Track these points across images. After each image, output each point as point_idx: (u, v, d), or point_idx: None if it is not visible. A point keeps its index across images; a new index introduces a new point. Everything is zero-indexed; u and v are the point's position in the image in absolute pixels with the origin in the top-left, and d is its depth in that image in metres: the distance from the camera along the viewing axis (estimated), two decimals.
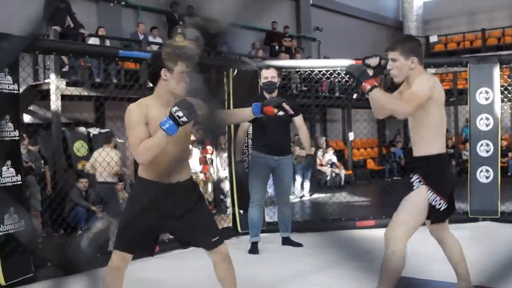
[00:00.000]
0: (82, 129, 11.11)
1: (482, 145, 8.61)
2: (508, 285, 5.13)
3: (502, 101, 9.04)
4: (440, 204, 4.08)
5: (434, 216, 4.17)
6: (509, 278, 5.33)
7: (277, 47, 16.96)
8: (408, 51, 4.13)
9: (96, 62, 11.06)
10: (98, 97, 10.96)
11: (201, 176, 11.61)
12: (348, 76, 4.15)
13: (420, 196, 4.09)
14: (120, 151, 10.93)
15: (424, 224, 4.36)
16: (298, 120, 7.08)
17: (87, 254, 6.30)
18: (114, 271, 4.00)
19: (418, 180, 4.13)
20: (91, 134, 11.16)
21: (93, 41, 11.32)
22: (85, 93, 10.68)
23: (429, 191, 4.06)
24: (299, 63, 11.26)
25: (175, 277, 6.14)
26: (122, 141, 11.20)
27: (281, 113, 4.09)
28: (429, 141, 4.09)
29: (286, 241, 7.41)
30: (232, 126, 8.06)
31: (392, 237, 4.11)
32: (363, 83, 4.05)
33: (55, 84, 9.99)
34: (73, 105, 10.65)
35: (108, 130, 10.65)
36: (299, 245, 7.33)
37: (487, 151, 8.59)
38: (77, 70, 11.03)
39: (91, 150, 11.00)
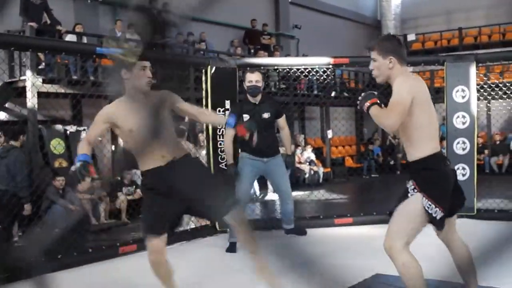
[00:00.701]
0: (58, 126, 11.00)
1: (458, 143, 8.69)
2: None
3: (478, 99, 9.13)
4: (436, 212, 3.88)
5: (433, 223, 4.01)
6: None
7: (255, 46, 16.95)
8: (386, 50, 4.08)
9: (73, 59, 10.96)
10: (75, 95, 10.86)
11: None
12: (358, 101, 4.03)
13: (414, 204, 3.91)
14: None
15: None
16: (281, 121, 7.21)
17: (32, 259, 6.19)
18: (154, 257, 4.42)
19: (413, 187, 3.97)
20: (68, 132, 11.06)
21: (70, 38, 11.20)
22: (62, 90, 10.58)
23: (424, 198, 3.86)
24: (278, 61, 11.25)
25: (152, 275, 6.09)
26: (100, 139, 11.13)
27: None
28: (419, 143, 3.92)
29: (291, 231, 7.70)
30: (210, 125, 8.05)
31: (394, 251, 3.98)
32: (366, 103, 3.95)
33: (31, 81, 9.88)
34: (49, 103, 10.52)
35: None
36: (304, 233, 7.71)
37: (463, 149, 8.67)
38: (53, 67, 10.91)
39: (68, 148, 10.91)
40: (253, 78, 6.94)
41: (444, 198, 3.89)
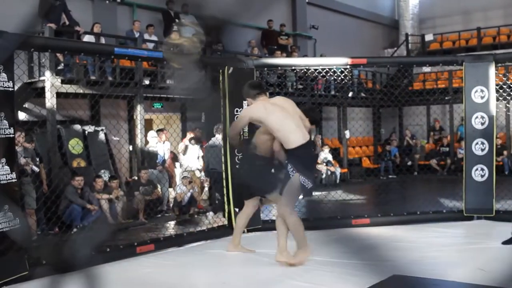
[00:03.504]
0: (77, 126, 11.08)
1: (477, 143, 8.63)
2: None
3: (497, 99, 9.05)
4: (308, 184, 5.83)
5: (305, 192, 5.94)
6: None
7: (272, 46, 16.95)
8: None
9: (91, 59, 11.03)
10: (93, 95, 10.94)
11: (198, 174, 11.60)
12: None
13: (295, 181, 5.82)
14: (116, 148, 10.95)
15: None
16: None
17: (82, 252, 6.28)
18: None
19: (292, 169, 5.84)
20: (86, 132, 11.14)
21: (88, 38, 11.27)
22: (80, 90, 10.66)
23: (300, 176, 5.79)
24: (295, 61, 11.25)
25: (168, 275, 6.13)
26: (118, 139, 11.21)
27: None
28: (284, 139, 5.90)
29: None
30: (228, 125, 8.07)
31: (286, 215, 5.95)
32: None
33: (50, 82, 9.97)
34: (68, 103, 10.61)
35: None
36: None
37: (482, 150, 8.61)
38: (72, 68, 10.99)
39: (86, 148, 10.98)
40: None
41: (311, 174, 6.00)
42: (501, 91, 9.54)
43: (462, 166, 8.93)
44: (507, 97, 10.14)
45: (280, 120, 5.91)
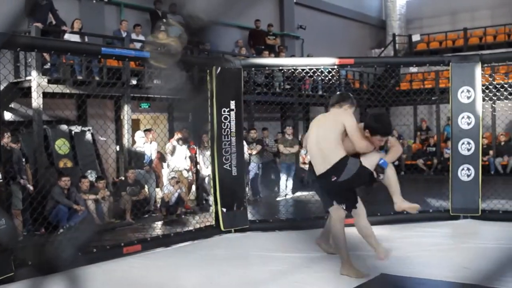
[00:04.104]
0: (63, 126, 11.01)
1: (463, 143, 8.68)
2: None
3: (483, 100, 9.11)
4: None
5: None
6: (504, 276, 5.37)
7: (260, 46, 16.94)
8: None
9: (78, 59, 10.96)
10: (80, 95, 10.88)
11: (186, 174, 11.58)
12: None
13: None
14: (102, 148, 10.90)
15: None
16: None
17: (67, 253, 6.25)
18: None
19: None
20: (72, 132, 11.08)
21: (68, 37, 11.14)
22: (67, 90, 10.60)
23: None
24: (283, 61, 11.26)
25: (156, 275, 6.11)
26: (104, 139, 11.16)
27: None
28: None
29: None
30: (215, 125, 8.07)
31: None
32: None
33: (36, 82, 9.91)
34: (54, 103, 10.55)
35: None
36: None
37: (468, 150, 8.66)
38: (59, 68, 10.92)
39: (72, 148, 10.93)
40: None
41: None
42: (487, 91, 9.61)
43: (448, 166, 8.98)
44: (493, 97, 10.22)
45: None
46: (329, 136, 5.53)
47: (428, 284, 5.22)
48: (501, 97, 10.24)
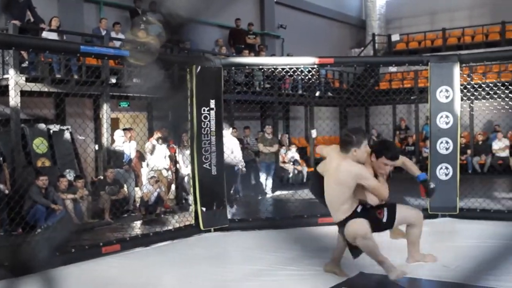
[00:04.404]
0: (42, 125, 10.91)
1: (442, 142, 8.74)
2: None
3: (462, 99, 9.19)
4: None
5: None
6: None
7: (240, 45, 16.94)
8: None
9: (57, 57, 10.87)
10: (59, 93, 10.78)
11: (165, 173, 11.54)
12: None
13: None
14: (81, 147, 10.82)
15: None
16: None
17: (44, 254, 6.19)
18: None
19: None
20: (51, 131, 10.98)
21: (46, 35, 11.03)
22: (45, 89, 10.49)
23: None
24: (263, 60, 11.26)
25: (135, 275, 6.08)
26: (83, 138, 11.07)
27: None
28: None
29: None
30: (195, 124, 8.05)
31: None
32: None
33: (14, 80, 9.79)
34: (32, 101, 10.44)
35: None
36: None
37: (446, 149, 8.73)
38: (37, 66, 10.82)
39: (51, 147, 10.83)
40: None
41: None
42: (465, 91, 9.68)
43: (427, 165, 9.04)
44: (471, 97, 10.31)
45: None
46: (336, 193, 5.31)
47: (407, 282, 5.25)
48: (479, 96, 10.33)
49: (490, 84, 10.33)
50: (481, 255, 6.19)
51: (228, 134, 10.83)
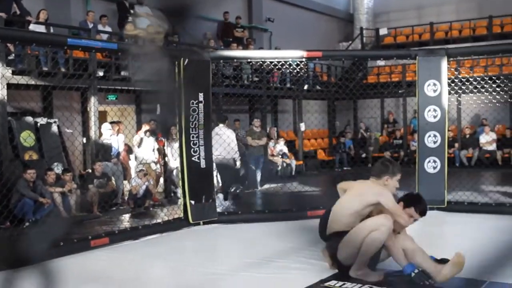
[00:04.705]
0: (29, 118, 10.84)
1: (430, 136, 8.79)
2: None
3: (449, 93, 9.23)
4: None
5: None
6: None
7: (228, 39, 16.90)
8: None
9: (44, 50, 10.79)
10: (46, 86, 10.71)
11: (154, 166, 11.51)
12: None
13: None
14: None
15: None
16: None
17: (37, 247, 6.15)
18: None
19: None
20: (38, 124, 10.91)
21: (33, 27, 10.94)
22: (32, 82, 10.41)
23: None
24: (251, 53, 11.25)
25: (124, 268, 6.07)
26: (71, 131, 11.02)
27: None
28: None
29: None
30: (184, 118, 8.04)
31: None
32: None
33: (0, 73, 9.71)
34: (19, 94, 10.38)
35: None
36: None
37: (434, 142, 8.77)
38: (23, 58, 10.74)
39: (38, 140, 10.76)
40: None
41: None
42: (452, 84, 9.73)
43: (415, 158, 9.09)
44: (459, 91, 10.37)
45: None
46: (350, 203, 5.26)
47: (393, 275, 5.27)
48: (466, 90, 10.39)
49: (478, 78, 10.38)
50: (468, 249, 6.23)
51: (224, 127, 10.85)
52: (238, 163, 11.65)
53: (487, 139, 16.72)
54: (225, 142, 10.34)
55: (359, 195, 5.25)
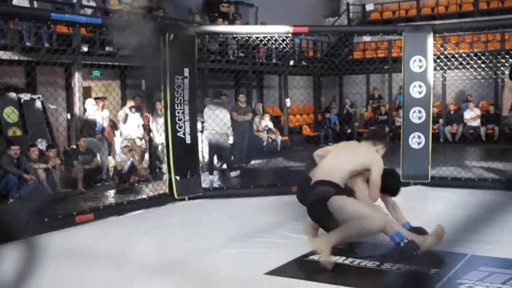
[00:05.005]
0: (12, 94, 10.74)
1: (414, 112, 8.83)
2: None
3: (435, 69, 9.25)
4: None
5: None
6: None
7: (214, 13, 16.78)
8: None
9: (27, 25, 10.65)
10: (29, 62, 10.61)
11: (139, 142, 11.47)
12: None
13: None
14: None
15: None
16: None
17: (21, 221, 6.15)
18: None
19: None
20: (21, 100, 10.81)
21: (18, 2, 10.80)
22: (15, 57, 10.31)
23: None
24: (237, 29, 11.19)
25: (109, 244, 6.08)
26: (55, 107, 10.95)
27: None
28: None
29: None
30: (169, 93, 8.01)
31: None
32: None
33: None
34: (2, 70, 10.27)
35: None
36: None
37: (419, 118, 8.82)
38: (6, 34, 10.60)
39: (22, 116, 10.68)
40: None
41: None
42: (438, 61, 9.75)
43: (399, 134, 9.13)
44: (444, 67, 10.38)
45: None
46: (346, 159, 5.16)
47: (380, 246, 5.32)
48: (452, 66, 10.41)
49: (463, 55, 10.40)
50: (451, 222, 6.30)
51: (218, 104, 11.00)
52: (231, 138, 11.72)
53: (471, 115, 16.83)
54: (217, 117, 10.39)
55: (359, 154, 5.20)
